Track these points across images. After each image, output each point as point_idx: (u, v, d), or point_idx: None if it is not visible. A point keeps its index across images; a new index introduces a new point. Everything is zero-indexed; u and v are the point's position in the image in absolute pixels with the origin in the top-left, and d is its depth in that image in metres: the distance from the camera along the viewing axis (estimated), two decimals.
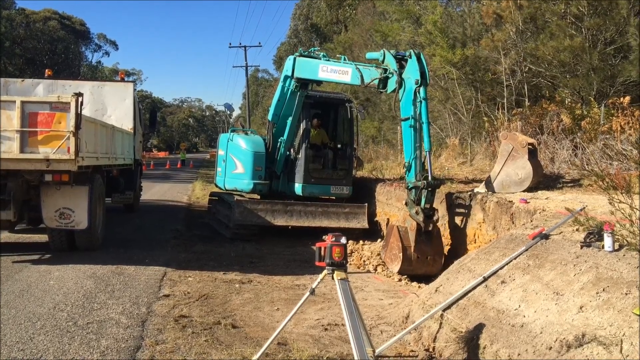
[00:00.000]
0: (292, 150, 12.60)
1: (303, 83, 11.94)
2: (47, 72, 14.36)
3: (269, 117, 13.07)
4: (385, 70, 9.51)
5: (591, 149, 10.48)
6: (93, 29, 64.93)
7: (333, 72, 10.81)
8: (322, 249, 4.41)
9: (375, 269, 9.36)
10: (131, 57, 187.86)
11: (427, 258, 8.67)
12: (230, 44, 71.42)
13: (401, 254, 8.69)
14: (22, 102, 8.14)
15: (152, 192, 22.25)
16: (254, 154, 12.60)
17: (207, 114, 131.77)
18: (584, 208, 6.17)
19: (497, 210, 8.31)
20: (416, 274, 8.72)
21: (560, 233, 5.58)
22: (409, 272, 8.79)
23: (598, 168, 7.44)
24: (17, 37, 40.45)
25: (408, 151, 8.94)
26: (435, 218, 8.70)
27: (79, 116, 8.11)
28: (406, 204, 8.84)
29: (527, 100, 14.61)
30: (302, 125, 12.38)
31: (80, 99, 8.15)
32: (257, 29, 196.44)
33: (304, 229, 11.67)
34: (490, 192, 9.08)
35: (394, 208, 11.74)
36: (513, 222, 7.72)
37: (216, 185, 14.59)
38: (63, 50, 48.41)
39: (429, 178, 8.55)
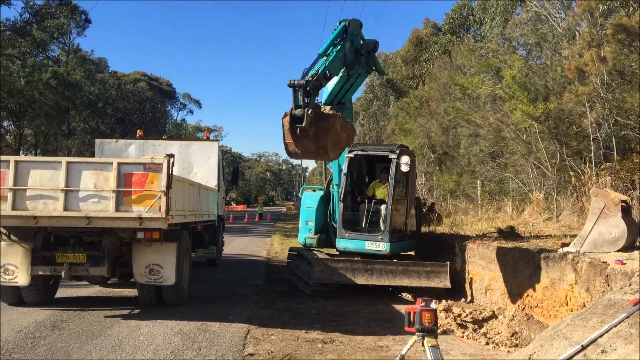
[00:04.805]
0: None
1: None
2: (139, 132, 14.83)
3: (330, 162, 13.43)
4: None
5: None
6: (178, 88, 68.59)
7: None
8: (412, 314, 4.33)
9: (463, 335, 8.96)
10: (211, 114, 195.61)
11: (312, 150, 8.73)
12: None
13: (284, 146, 8.81)
14: (119, 164, 8.60)
15: (232, 245, 22.70)
16: (306, 209, 13.54)
17: (284, 167, 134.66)
18: None
19: (590, 272, 7.90)
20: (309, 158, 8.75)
21: None
22: (300, 158, 9.17)
23: None
24: (109, 98, 43.19)
25: None
26: (304, 123, 8.31)
27: (170, 176, 8.46)
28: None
29: (615, 153, 14.04)
30: (345, 177, 12.35)
31: (171, 160, 8.51)
32: None
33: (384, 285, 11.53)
34: (581, 252, 8.67)
35: (477, 266, 11.41)
36: (609, 285, 7.31)
37: None
38: (151, 109, 51.26)
39: (307, 78, 8.56)
